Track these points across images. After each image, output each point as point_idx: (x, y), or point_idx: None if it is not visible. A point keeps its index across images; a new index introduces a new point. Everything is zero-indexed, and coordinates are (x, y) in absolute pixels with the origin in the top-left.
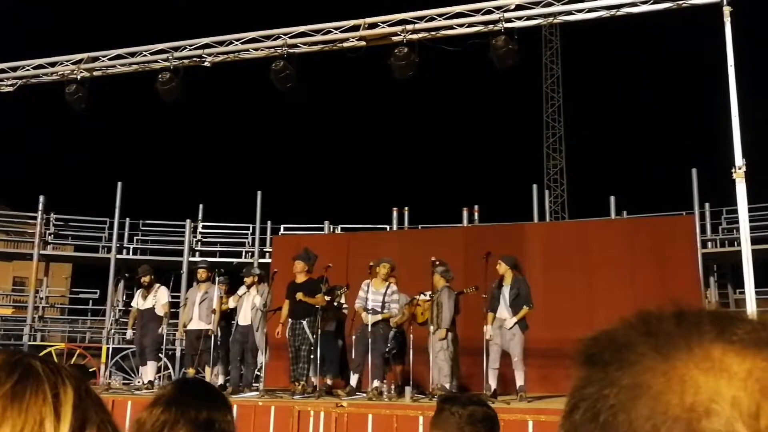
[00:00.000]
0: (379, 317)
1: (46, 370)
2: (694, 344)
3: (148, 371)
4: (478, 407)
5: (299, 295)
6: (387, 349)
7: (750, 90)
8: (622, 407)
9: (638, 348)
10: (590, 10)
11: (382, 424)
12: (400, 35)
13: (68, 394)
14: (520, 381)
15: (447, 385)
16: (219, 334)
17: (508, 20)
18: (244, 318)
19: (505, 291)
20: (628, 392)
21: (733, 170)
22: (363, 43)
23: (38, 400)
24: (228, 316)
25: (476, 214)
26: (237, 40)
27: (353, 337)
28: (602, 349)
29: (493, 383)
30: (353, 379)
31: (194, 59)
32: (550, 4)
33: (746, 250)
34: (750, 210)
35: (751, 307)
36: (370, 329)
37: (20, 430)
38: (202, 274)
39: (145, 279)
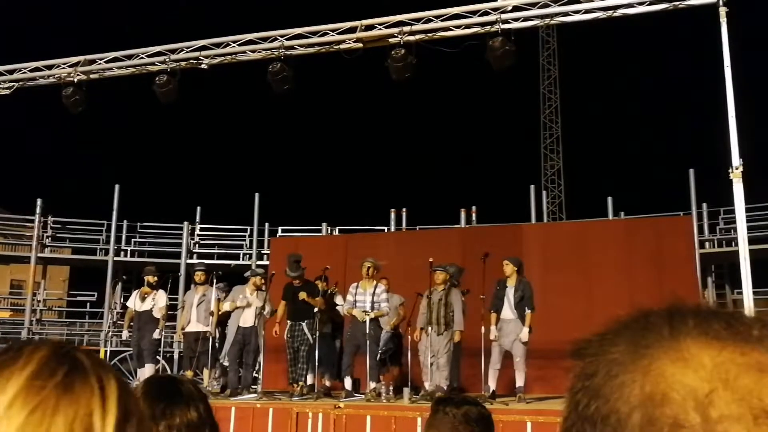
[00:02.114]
0: (371, 315)
1: (91, 362)
2: (668, 336)
3: (146, 374)
4: (473, 407)
5: (302, 294)
6: (380, 351)
7: (747, 90)
8: (595, 396)
9: (617, 340)
10: (587, 12)
11: (381, 425)
12: (397, 37)
13: (113, 387)
14: (519, 382)
15: (445, 387)
16: (217, 335)
17: (505, 21)
18: (244, 320)
19: (509, 292)
20: (601, 382)
21: (730, 170)
22: (360, 44)
23: (86, 391)
24: (225, 319)
25: (474, 215)
26: (234, 41)
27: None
28: (589, 344)
29: (492, 384)
30: (347, 382)
31: (191, 61)
32: (546, 6)
33: (743, 250)
34: (747, 210)
35: (749, 307)
36: (362, 331)
37: (72, 420)
38: (199, 276)
39: (151, 279)
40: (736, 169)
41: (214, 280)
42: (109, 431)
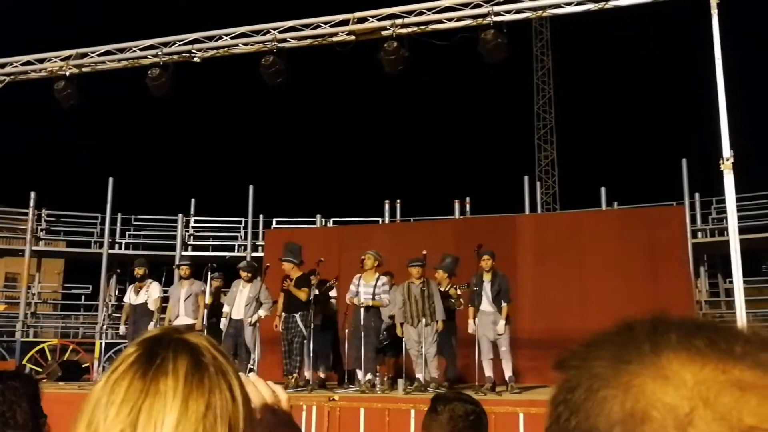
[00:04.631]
0: (368, 303)
1: (216, 367)
2: (649, 352)
3: None
4: (464, 404)
5: (287, 284)
6: (378, 342)
7: (739, 81)
8: (575, 411)
9: (600, 354)
10: (578, 3)
11: (374, 417)
12: (389, 29)
13: (237, 388)
14: (508, 372)
15: (436, 376)
16: (205, 330)
17: (497, 14)
18: (236, 312)
19: (486, 286)
20: (582, 397)
21: (720, 162)
22: (352, 37)
23: (224, 401)
24: (211, 314)
25: (468, 206)
26: (226, 35)
27: (346, 330)
28: (572, 356)
29: (489, 372)
30: (360, 374)
31: (184, 55)
32: None
33: (734, 241)
34: (740, 199)
35: (740, 297)
36: (363, 323)
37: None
38: (185, 270)
39: (138, 271)
40: (727, 160)
41: (209, 273)
42: (242, 425)
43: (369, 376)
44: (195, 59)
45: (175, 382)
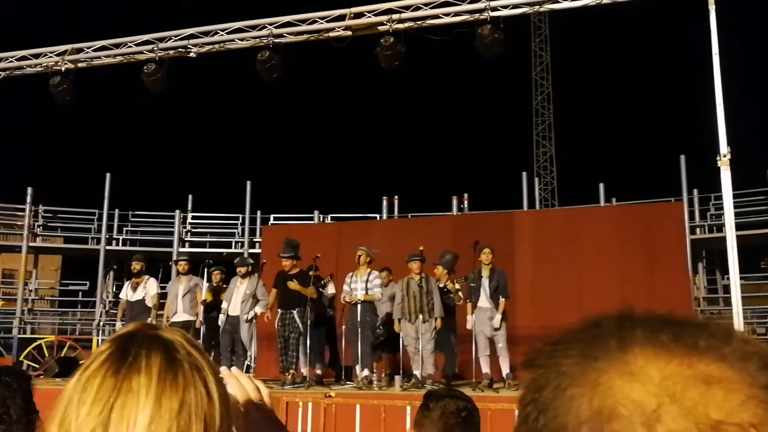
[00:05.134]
0: (361, 298)
1: (190, 363)
2: (616, 348)
3: None
4: (456, 401)
5: (293, 284)
6: (375, 337)
7: (736, 77)
8: (544, 410)
9: (568, 351)
10: None
11: (370, 414)
12: (386, 24)
13: (212, 384)
14: (506, 369)
15: (433, 373)
16: (203, 327)
17: (494, 9)
18: (233, 309)
19: (485, 282)
20: (550, 396)
21: (717, 158)
22: (349, 32)
23: (199, 397)
24: (212, 308)
25: (466, 203)
26: (222, 30)
27: (343, 327)
28: (540, 354)
29: (486, 369)
30: (358, 369)
31: (179, 50)
32: None
33: (731, 237)
34: (737, 196)
35: (736, 294)
36: (359, 319)
37: (204, 429)
38: (183, 266)
39: (136, 267)
40: (724, 156)
41: (206, 270)
42: (218, 422)
43: (366, 372)
44: (191, 54)
45: (147, 380)
